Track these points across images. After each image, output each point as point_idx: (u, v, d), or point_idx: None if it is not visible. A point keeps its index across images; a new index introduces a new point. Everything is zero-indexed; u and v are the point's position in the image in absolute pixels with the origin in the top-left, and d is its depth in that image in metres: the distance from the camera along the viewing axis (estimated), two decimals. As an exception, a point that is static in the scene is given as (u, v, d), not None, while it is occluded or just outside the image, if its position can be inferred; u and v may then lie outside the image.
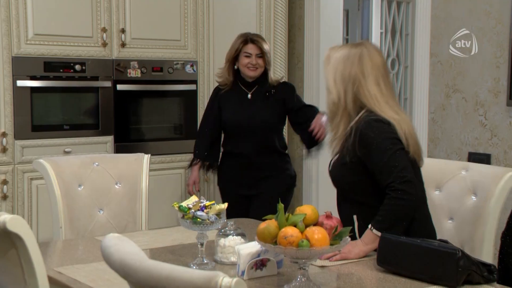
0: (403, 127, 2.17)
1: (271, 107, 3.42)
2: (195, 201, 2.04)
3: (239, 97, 3.44)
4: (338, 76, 2.23)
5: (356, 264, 2.02)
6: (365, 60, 2.22)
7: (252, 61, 3.39)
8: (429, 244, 1.86)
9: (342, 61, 2.23)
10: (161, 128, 4.01)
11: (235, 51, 3.42)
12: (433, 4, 3.67)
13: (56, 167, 2.61)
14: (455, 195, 2.39)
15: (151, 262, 1.23)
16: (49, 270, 1.82)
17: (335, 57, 2.25)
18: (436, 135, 3.71)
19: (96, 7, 3.65)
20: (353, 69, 2.21)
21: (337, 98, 2.21)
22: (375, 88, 2.21)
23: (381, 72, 2.25)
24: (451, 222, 2.40)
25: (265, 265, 1.87)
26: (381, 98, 2.20)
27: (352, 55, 2.23)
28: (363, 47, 2.24)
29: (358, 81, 2.20)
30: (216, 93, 3.52)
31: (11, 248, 1.55)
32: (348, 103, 2.21)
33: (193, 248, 2.18)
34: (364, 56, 2.22)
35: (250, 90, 3.46)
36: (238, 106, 3.42)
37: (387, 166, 2.08)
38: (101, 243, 1.39)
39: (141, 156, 2.80)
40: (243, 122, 3.39)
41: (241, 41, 3.43)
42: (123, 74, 3.76)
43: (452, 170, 2.44)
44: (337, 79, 2.23)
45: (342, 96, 2.21)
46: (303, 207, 1.85)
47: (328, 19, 4.36)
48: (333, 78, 2.23)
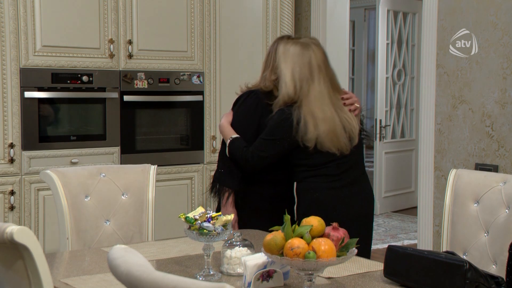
0: (320, 126, 2.54)
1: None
2: (201, 212, 2.04)
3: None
4: (296, 74, 2.58)
5: (362, 276, 2.02)
6: (314, 64, 2.59)
7: None
8: (436, 256, 1.85)
9: (298, 62, 2.57)
10: (168, 138, 4.02)
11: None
12: (439, 15, 3.68)
13: (63, 178, 2.61)
14: (490, 208, 2.31)
15: (158, 274, 1.23)
16: (55, 281, 1.82)
17: (291, 54, 2.58)
18: (443, 146, 3.70)
19: (104, 18, 3.67)
20: (305, 72, 2.58)
21: (293, 92, 2.56)
22: (317, 88, 2.59)
23: (323, 72, 2.61)
24: (487, 236, 2.34)
25: (272, 277, 1.87)
26: (316, 98, 2.57)
27: (306, 58, 2.58)
28: (311, 51, 2.60)
29: (308, 83, 2.58)
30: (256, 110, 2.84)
31: (18, 259, 1.55)
32: (299, 98, 2.56)
33: (199, 259, 2.18)
34: (312, 60, 2.60)
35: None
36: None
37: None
38: (107, 254, 1.39)
39: (148, 167, 2.80)
40: None
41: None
42: (130, 85, 3.78)
43: (490, 182, 2.37)
44: (295, 77, 2.57)
45: (297, 91, 2.57)
46: (310, 218, 1.85)
47: (334, 30, 4.37)
48: (291, 74, 2.57)
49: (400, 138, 7.11)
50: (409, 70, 7.16)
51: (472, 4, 3.52)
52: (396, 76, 7.01)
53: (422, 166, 3.78)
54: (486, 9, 3.46)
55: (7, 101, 3.43)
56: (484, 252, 2.23)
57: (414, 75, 7.15)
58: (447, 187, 2.44)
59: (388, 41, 6.79)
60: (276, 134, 2.58)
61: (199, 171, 4.04)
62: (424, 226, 3.75)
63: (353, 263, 2.11)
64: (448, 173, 2.48)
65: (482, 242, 2.32)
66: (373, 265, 2.14)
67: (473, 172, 2.52)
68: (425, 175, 3.75)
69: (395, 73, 6.98)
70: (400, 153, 6.99)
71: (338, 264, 1.81)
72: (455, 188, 2.40)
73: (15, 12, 3.40)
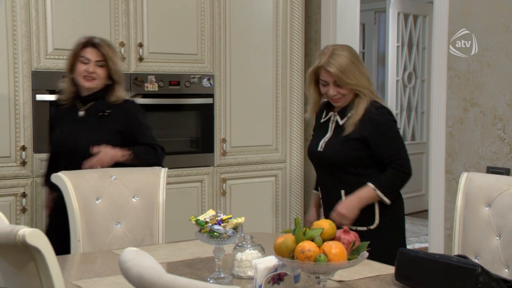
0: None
1: (103, 131, 2.83)
2: (212, 215, 2.04)
3: (71, 114, 2.89)
4: (363, 70, 2.62)
5: (373, 279, 2.01)
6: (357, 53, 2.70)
7: (88, 69, 2.82)
8: (448, 259, 1.84)
9: (355, 62, 2.58)
10: (178, 141, 4.03)
11: (74, 56, 2.85)
12: (450, 18, 3.66)
13: (74, 180, 2.63)
14: (502, 211, 2.29)
15: (169, 276, 1.23)
16: (67, 284, 1.82)
17: (346, 63, 2.57)
18: (454, 149, 3.69)
19: (114, 21, 3.69)
20: (362, 63, 2.65)
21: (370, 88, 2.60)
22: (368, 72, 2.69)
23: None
24: (499, 239, 2.33)
25: (282, 280, 1.87)
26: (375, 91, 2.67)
27: (353, 54, 2.61)
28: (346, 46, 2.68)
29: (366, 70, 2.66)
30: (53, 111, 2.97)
31: (30, 261, 1.56)
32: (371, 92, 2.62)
33: (210, 262, 2.18)
34: (356, 52, 2.67)
35: (84, 106, 2.88)
36: (69, 126, 2.87)
37: (398, 149, 2.60)
38: (119, 257, 1.39)
39: (158, 170, 2.81)
40: (69, 144, 2.84)
41: (80, 43, 2.87)
42: (140, 88, 3.79)
43: (502, 186, 2.34)
44: (364, 74, 2.62)
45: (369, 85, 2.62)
46: (321, 221, 1.85)
47: (344, 33, 4.37)
48: (361, 77, 2.59)
49: (411, 141, 7.08)
50: (420, 73, 7.14)
51: (483, 7, 3.51)
52: (407, 79, 6.99)
53: (433, 169, 3.76)
54: (498, 11, 3.44)
55: (19, 104, 3.45)
56: (496, 255, 2.22)
57: (424, 78, 7.13)
58: (459, 191, 2.43)
59: (398, 44, 6.77)
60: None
61: (209, 173, 4.04)
62: (435, 229, 3.74)
63: (364, 267, 2.11)
64: (459, 177, 2.47)
65: (494, 245, 2.30)
66: (384, 269, 2.13)
67: (484, 175, 2.51)
68: (436, 178, 3.73)
69: (405, 76, 6.96)
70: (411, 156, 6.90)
71: (349, 267, 1.80)
72: (467, 192, 2.39)
73: (27, 15, 3.43)
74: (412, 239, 5.82)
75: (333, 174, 2.64)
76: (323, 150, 2.64)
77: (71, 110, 2.89)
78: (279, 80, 4.25)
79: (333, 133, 2.65)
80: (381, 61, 7.61)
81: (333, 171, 2.63)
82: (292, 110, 4.28)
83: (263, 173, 4.24)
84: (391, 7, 6.61)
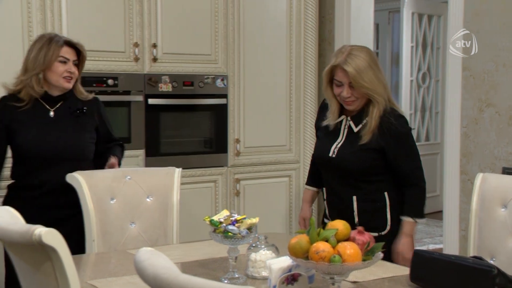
0: None
1: (82, 130, 2.74)
2: (226, 215, 2.05)
3: (38, 115, 2.69)
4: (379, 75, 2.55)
5: (388, 280, 2.00)
6: (376, 57, 2.61)
7: (70, 69, 2.68)
8: (464, 260, 1.83)
9: (372, 65, 2.52)
10: (192, 142, 4.04)
11: (52, 55, 2.65)
12: (465, 17, 3.64)
13: (89, 180, 2.64)
14: None
15: (185, 277, 1.23)
16: (82, 283, 1.83)
17: (364, 66, 2.50)
18: (469, 149, 3.66)
19: (129, 22, 3.70)
20: (379, 68, 2.57)
21: (385, 95, 2.54)
22: (385, 78, 2.61)
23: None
24: None
25: (297, 280, 1.86)
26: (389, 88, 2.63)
27: (371, 57, 2.53)
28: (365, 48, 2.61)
29: (382, 75, 2.58)
30: (1, 112, 2.68)
31: (46, 260, 1.57)
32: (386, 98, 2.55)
33: (224, 262, 2.18)
34: (374, 55, 2.59)
35: (53, 106, 2.72)
36: (39, 128, 2.68)
37: (415, 164, 2.58)
38: (134, 257, 1.40)
39: (172, 170, 2.82)
40: (45, 147, 2.66)
41: (57, 42, 2.68)
42: (154, 89, 3.81)
43: None
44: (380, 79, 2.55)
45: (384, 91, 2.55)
46: (335, 222, 1.84)
47: (358, 33, 4.35)
48: (377, 82, 2.52)
49: (425, 142, 7.04)
50: (434, 73, 7.10)
51: (498, 6, 3.48)
52: (421, 79, 6.95)
53: (448, 170, 3.74)
54: (513, 11, 3.42)
55: (34, 105, 3.47)
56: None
57: (439, 78, 7.09)
58: (474, 191, 2.42)
59: (412, 44, 6.74)
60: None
61: (222, 174, 4.05)
62: (450, 230, 3.71)
63: (378, 267, 2.10)
64: (474, 177, 2.45)
65: (510, 247, 2.29)
66: (399, 270, 2.12)
67: (500, 176, 2.50)
68: (450, 179, 3.71)
69: (419, 76, 6.93)
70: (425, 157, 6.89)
71: (363, 268, 1.80)
72: (482, 192, 2.38)
73: (42, 16, 3.45)
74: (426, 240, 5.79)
75: (344, 180, 2.58)
76: (336, 157, 2.57)
77: (35, 111, 2.67)
78: (292, 80, 4.25)
79: (346, 139, 2.58)
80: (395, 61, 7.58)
81: (345, 177, 2.58)
82: (306, 111, 4.28)
83: (277, 174, 4.24)
84: (405, 7, 6.58)
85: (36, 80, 2.63)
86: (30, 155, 2.66)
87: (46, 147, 2.65)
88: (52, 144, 2.66)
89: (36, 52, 2.65)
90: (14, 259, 1.74)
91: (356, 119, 2.57)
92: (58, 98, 2.71)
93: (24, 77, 2.64)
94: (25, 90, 2.64)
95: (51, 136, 2.66)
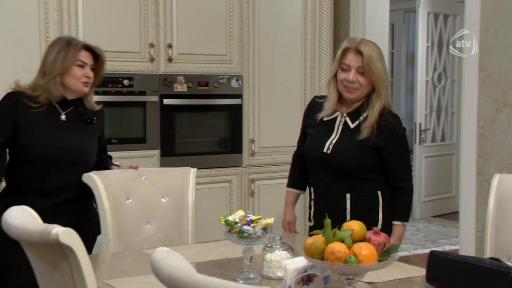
0: None
1: (89, 137, 2.70)
2: (241, 215, 2.05)
3: (49, 117, 2.62)
4: (386, 69, 2.57)
5: (404, 281, 1.99)
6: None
7: (88, 73, 2.62)
8: (481, 262, 1.82)
9: (381, 58, 2.53)
10: (207, 142, 4.05)
11: (71, 59, 2.58)
12: (482, 17, 3.61)
13: (105, 180, 2.65)
14: None
15: (201, 277, 1.24)
16: (98, 282, 1.84)
17: (375, 55, 2.51)
18: (486, 150, 3.63)
19: (144, 23, 3.72)
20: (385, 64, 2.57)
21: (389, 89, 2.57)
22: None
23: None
24: None
25: (312, 281, 1.86)
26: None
27: (380, 51, 2.54)
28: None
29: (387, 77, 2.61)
30: (13, 106, 2.57)
31: (63, 260, 1.58)
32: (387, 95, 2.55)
33: (239, 263, 2.18)
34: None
35: (65, 110, 2.65)
36: (48, 130, 2.60)
37: (407, 165, 2.63)
38: (150, 257, 1.40)
39: (188, 170, 2.82)
40: (53, 149, 2.58)
41: (77, 45, 2.62)
42: (169, 89, 3.82)
43: None
44: (386, 73, 2.57)
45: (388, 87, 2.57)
46: (350, 222, 1.84)
47: (373, 33, 4.34)
48: (384, 74, 2.54)
49: (441, 142, 7.00)
50: (450, 73, 7.06)
51: (516, 6, 3.45)
52: (437, 79, 6.91)
53: (464, 170, 3.71)
54: (531, 10, 3.39)
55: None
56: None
57: (455, 78, 7.04)
58: (491, 192, 2.40)
59: (428, 44, 6.70)
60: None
61: (237, 174, 4.05)
62: (466, 231, 3.69)
63: (394, 268, 2.09)
64: (491, 178, 2.43)
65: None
66: (415, 271, 2.11)
67: (516, 175, 2.48)
68: (467, 180, 3.69)
69: (435, 76, 6.88)
70: (441, 157, 6.88)
71: (379, 269, 1.79)
72: (499, 193, 2.36)
73: (59, 17, 3.48)
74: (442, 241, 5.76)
75: (338, 177, 2.55)
76: (331, 153, 2.54)
77: (46, 113, 2.59)
78: (307, 80, 4.24)
79: (341, 135, 2.55)
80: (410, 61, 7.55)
81: (340, 175, 2.55)
82: (321, 111, 4.27)
83: (292, 174, 4.23)
84: (421, 7, 6.54)
85: (53, 84, 2.57)
86: (35, 157, 2.55)
87: (54, 149, 2.57)
88: (61, 146, 2.58)
89: (54, 55, 2.59)
90: (32, 259, 1.76)
91: (353, 115, 2.55)
92: (72, 102, 2.65)
93: (42, 81, 2.58)
94: (44, 95, 2.58)
95: (60, 139, 2.59)
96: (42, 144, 2.56)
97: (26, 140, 2.55)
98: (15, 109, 2.56)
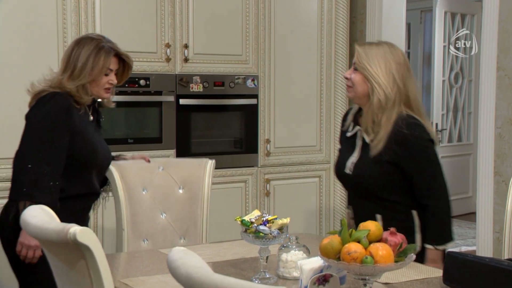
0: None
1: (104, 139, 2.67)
2: (257, 215, 2.05)
3: (87, 121, 2.54)
4: (394, 72, 2.27)
5: (421, 282, 1.98)
6: (406, 61, 2.31)
7: (112, 80, 2.52)
8: (499, 263, 1.80)
9: (390, 58, 2.28)
10: (222, 142, 4.05)
11: (102, 68, 2.47)
12: (500, 17, 3.58)
13: (122, 171, 2.67)
14: None
15: (217, 276, 1.24)
16: (115, 281, 1.85)
17: (378, 53, 2.28)
18: (503, 150, 3.60)
19: (161, 23, 3.73)
20: (401, 68, 2.27)
21: (392, 94, 2.27)
22: (415, 88, 2.31)
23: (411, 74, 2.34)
24: None
25: (328, 281, 1.86)
26: (419, 99, 2.33)
27: (396, 54, 2.28)
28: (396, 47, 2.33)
29: (407, 80, 2.28)
30: (68, 111, 2.43)
31: (80, 259, 1.59)
32: (397, 101, 2.27)
33: (254, 262, 2.18)
34: (403, 57, 2.30)
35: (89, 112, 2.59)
36: (91, 135, 2.53)
37: (430, 179, 2.32)
38: (167, 256, 1.41)
39: (205, 162, 2.84)
40: (99, 155, 2.53)
41: (106, 52, 2.50)
42: (185, 89, 3.83)
43: None
44: (393, 75, 2.27)
45: (395, 92, 2.27)
46: (367, 223, 1.83)
47: (390, 33, 4.32)
48: (385, 73, 2.26)
49: (457, 142, 6.95)
50: (467, 73, 7.00)
51: (534, 5, 3.42)
52: (453, 79, 6.86)
53: (481, 171, 3.68)
54: (550, 9, 3.35)
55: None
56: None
57: (472, 78, 6.99)
58: (509, 193, 2.38)
59: (445, 44, 6.66)
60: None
61: (253, 174, 4.05)
62: (484, 232, 3.66)
63: (411, 269, 2.08)
64: (509, 179, 2.42)
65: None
66: (432, 271, 2.10)
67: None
68: (484, 180, 3.66)
69: (452, 76, 6.84)
70: (457, 158, 6.83)
71: (395, 269, 1.78)
72: (517, 194, 2.34)
73: (77, 18, 3.50)
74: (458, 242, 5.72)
75: (366, 198, 2.36)
76: (352, 174, 2.37)
77: (84, 116, 2.51)
78: (323, 80, 4.23)
79: (361, 153, 2.37)
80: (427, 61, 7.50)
81: (367, 195, 2.35)
82: (336, 111, 4.26)
83: (307, 174, 4.23)
84: (437, 6, 6.50)
85: (83, 90, 2.45)
86: (85, 162, 2.48)
87: (100, 154, 2.52)
88: (103, 150, 2.55)
89: (83, 60, 2.44)
90: (50, 258, 1.77)
91: (367, 129, 2.35)
92: (92, 106, 2.58)
93: (71, 85, 2.42)
94: (85, 98, 2.46)
95: (101, 143, 2.55)
96: (92, 150, 2.48)
97: (81, 145, 2.45)
98: (69, 114, 2.42)
